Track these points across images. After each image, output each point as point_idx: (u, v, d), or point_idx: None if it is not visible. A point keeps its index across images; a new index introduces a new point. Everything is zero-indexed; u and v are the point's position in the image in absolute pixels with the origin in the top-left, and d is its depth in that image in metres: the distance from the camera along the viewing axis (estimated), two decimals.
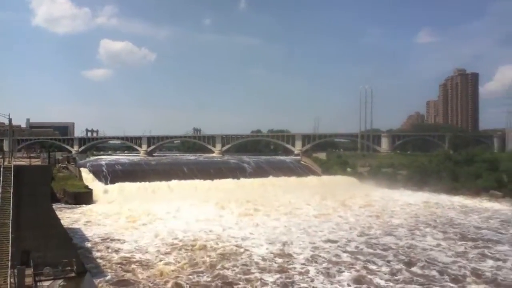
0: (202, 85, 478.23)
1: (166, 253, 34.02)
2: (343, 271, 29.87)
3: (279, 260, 32.62)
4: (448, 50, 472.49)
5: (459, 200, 76.00)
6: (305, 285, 26.92)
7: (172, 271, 29.25)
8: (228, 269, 29.90)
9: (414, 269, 30.82)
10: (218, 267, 30.21)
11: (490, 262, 32.86)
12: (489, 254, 35.92)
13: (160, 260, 31.86)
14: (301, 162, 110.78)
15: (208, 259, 32.26)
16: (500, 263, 32.92)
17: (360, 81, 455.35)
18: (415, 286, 26.97)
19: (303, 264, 31.77)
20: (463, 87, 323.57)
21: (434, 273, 29.90)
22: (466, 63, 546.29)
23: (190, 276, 28.02)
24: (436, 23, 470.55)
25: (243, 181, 79.90)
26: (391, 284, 27.19)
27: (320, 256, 33.93)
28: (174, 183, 74.07)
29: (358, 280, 28.01)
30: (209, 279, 27.77)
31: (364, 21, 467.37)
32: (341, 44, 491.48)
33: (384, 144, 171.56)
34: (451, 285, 27.13)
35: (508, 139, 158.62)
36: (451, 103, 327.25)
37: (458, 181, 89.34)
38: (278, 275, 28.57)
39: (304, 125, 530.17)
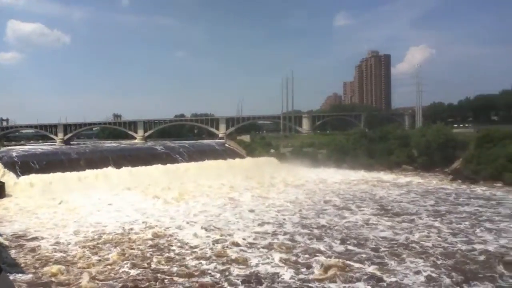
0: (122, 69, 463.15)
1: (90, 248, 32.33)
2: (279, 254, 29.87)
3: (218, 247, 32.00)
4: (363, 33, 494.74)
5: (378, 176, 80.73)
6: (244, 271, 26.66)
7: (97, 266, 28.19)
8: (162, 260, 29.22)
9: (351, 247, 31.49)
10: (152, 259, 29.40)
11: (417, 235, 34.59)
12: (415, 226, 37.79)
13: (85, 257, 30.23)
14: (226, 145, 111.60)
15: (139, 252, 31.04)
16: (425, 233, 35.11)
17: (283, 63, 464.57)
18: (353, 263, 27.62)
19: (242, 249, 31.39)
20: (377, 68, 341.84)
21: (368, 249, 30.75)
22: (379, 45, 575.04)
23: (120, 270, 27.11)
24: (352, 6, 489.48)
25: (170, 166, 78.70)
26: (331, 262, 27.66)
27: (258, 240, 33.57)
28: (95, 172, 70.23)
29: (299, 262, 28.19)
30: (142, 272, 26.98)
31: (287, 4, 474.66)
32: (264, 26, 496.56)
33: (305, 124, 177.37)
34: (387, 260, 28.18)
35: (417, 117, 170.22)
36: (366, 84, 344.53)
37: (373, 158, 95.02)
38: (215, 263, 28.25)
39: (228, 109, 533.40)
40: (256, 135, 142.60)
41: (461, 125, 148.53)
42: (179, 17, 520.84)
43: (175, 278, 25.95)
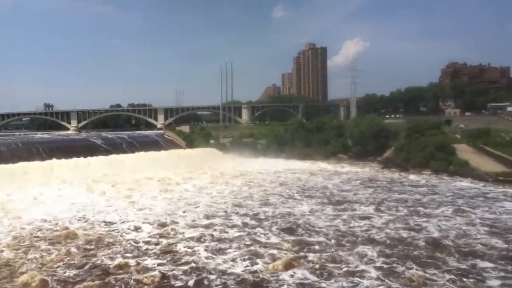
0: (53, 57, 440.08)
1: (26, 248, 30.03)
2: (232, 246, 29.44)
3: (163, 241, 30.82)
4: (301, 25, 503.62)
5: (317, 165, 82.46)
6: (194, 266, 26.04)
7: (34, 267, 26.41)
8: (105, 257, 27.72)
9: (301, 237, 31.62)
10: (93, 257, 27.76)
11: (362, 223, 35.48)
12: (358, 214, 38.78)
13: (20, 259, 27.89)
14: (165, 136, 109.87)
15: (78, 250, 29.13)
16: (369, 221, 36.15)
17: (222, 53, 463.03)
18: (305, 253, 27.67)
19: (190, 243, 30.52)
20: (314, 60, 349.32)
21: (319, 239, 31.05)
22: (316, 38, 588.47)
23: (60, 272, 25.30)
24: None
25: (107, 158, 75.57)
26: (282, 254, 27.66)
27: (206, 233, 32.77)
28: (27, 165, 64.86)
29: (250, 255, 27.74)
30: (82, 270, 25.57)
31: None
32: (202, 14, 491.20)
33: (245, 115, 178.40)
34: (338, 249, 28.53)
35: (352, 108, 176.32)
36: (304, 75, 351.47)
37: (311, 147, 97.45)
38: (162, 259, 27.25)
39: (167, 99, 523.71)
40: (196, 126, 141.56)
41: (393, 116, 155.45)
42: (114, 4, 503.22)
43: (120, 276, 24.68)
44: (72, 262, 27.05)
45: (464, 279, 23.08)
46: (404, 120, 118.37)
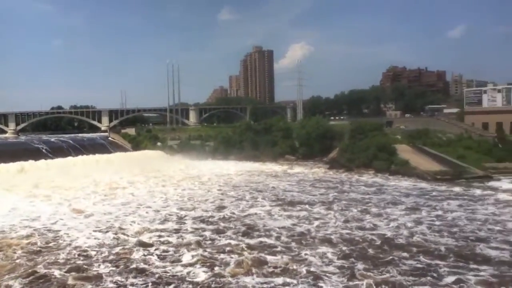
0: None
1: None
2: (189, 251, 28.59)
3: (115, 249, 29.31)
4: (248, 28, 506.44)
5: (266, 166, 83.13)
6: (152, 273, 25.03)
7: None
8: (49, 266, 26.04)
9: (260, 239, 31.41)
10: (36, 266, 26.07)
11: (316, 223, 35.89)
12: (312, 215, 39.20)
13: None
14: (109, 138, 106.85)
15: (21, 259, 27.44)
16: (323, 221, 36.64)
17: (168, 54, 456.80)
18: (266, 256, 27.46)
19: (143, 250, 29.22)
20: (261, 63, 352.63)
21: (277, 241, 30.91)
22: (263, 41, 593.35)
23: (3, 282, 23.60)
24: (236, 1, 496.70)
25: (48, 162, 71.85)
26: (242, 257, 27.14)
27: (162, 239, 31.69)
28: None
29: (208, 259, 27.09)
30: (28, 281, 23.97)
31: None
32: (148, 16, 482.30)
33: (192, 117, 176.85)
34: (297, 250, 28.51)
35: (298, 110, 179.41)
36: (251, 78, 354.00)
37: (259, 149, 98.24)
38: (114, 267, 25.81)
39: (111, 101, 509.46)
40: (142, 128, 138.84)
41: (337, 118, 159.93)
42: (56, 3, 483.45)
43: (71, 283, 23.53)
44: (15, 272, 25.44)
45: (422, 278, 23.59)
46: (348, 122, 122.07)
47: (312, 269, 25.23)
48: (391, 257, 27.21)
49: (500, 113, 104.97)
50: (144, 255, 28.40)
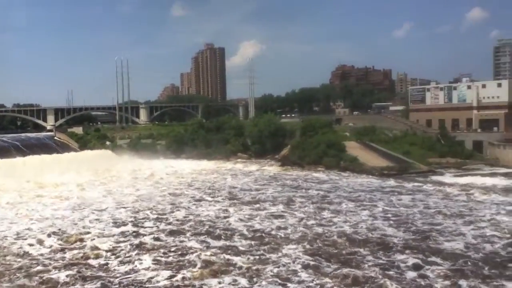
0: None
1: None
2: (150, 255, 27.60)
3: (70, 254, 27.93)
4: (199, 25, 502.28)
5: (220, 164, 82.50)
6: (107, 278, 24.00)
7: None
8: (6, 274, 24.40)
9: (221, 241, 30.78)
10: None
11: (277, 222, 35.93)
12: (271, 213, 39.25)
13: None
14: (55, 138, 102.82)
15: None
16: (283, 220, 36.86)
17: (118, 50, 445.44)
18: (230, 257, 27.00)
19: (103, 255, 27.90)
20: (212, 61, 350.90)
21: (240, 241, 30.54)
22: (215, 38, 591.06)
23: None
24: None
25: None
26: (206, 259, 26.55)
27: (120, 243, 30.28)
28: None
29: (171, 263, 26.28)
30: None
31: None
32: (96, 10, 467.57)
33: (143, 115, 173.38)
34: (262, 250, 28.20)
35: (250, 108, 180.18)
36: (203, 75, 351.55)
37: (211, 147, 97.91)
38: (69, 274, 24.52)
39: (57, 99, 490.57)
40: (90, 127, 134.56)
41: (288, 115, 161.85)
42: None
43: None
44: None
45: (387, 272, 24.12)
46: (299, 119, 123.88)
47: (279, 269, 25.11)
48: (354, 253, 27.66)
49: (442, 111, 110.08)
50: (102, 260, 27.20)
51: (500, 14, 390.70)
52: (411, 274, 24.05)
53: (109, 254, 28.49)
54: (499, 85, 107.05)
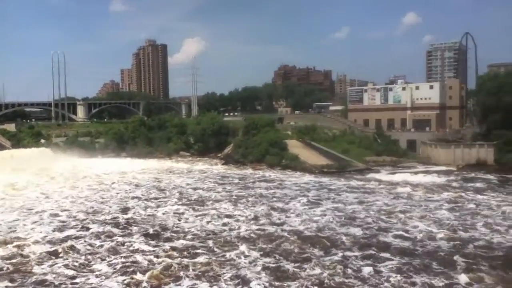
0: None
1: None
2: (99, 259, 26.53)
3: (11, 263, 26.17)
4: (141, 20, 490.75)
5: (166, 164, 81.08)
6: (54, 285, 22.74)
7: None
8: None
9: (175, 243, 29.94)
10: None
11: (230, 221, 35.60)
12: (222, 213, 38.85)
13: None
14: None
15: None
16: (234, 219, 36.51)
17: (55, 45, 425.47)
18: (187, 260, 26.35)
19: (46, 261, 26.28)
20: (154, 57, 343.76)
21: (195, 243, 29.85)
22: (157, 34, 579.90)
23: None
24: None
25: None
26: (160, 261, 25.88)
27: (64, 248, 28.54)
28: None
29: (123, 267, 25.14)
30: None
31: None
32: (31, 3, 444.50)
33: (81, 112, 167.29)
34: (218, 252, 27.79)
35: (193, 106, 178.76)
36: (144, 72, 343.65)
37: (153, 145, 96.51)
38: (13, 282, 23.07)
39: None
40: (23, 124, 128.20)
41: (231, 114, 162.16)
42: None
43: None
44: None
45: (343, 272, 24.54)
46: (242, 118, 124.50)
47: (240, 271, 24.82)
48: (310, 252, 28.05)
49: (379, 111, 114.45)
50: (49, 266, 25.73)
51: (433, 20, 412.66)
52: (366, 270, 24.74)
53: (57, 259, 26.99)
54: (431, 87, 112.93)
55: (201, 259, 26.73)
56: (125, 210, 41.13)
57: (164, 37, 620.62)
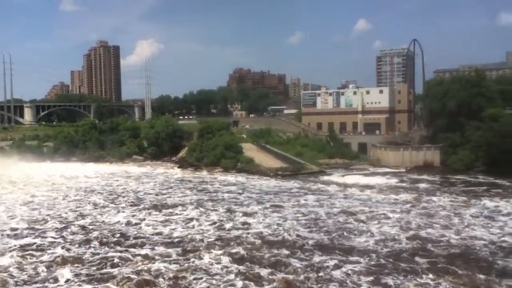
0: None
1: None
2: (61, 270, 25.28)
3: None
4: (92, 20, 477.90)
5: (121, 168, 79.44)
6: None
7: None
8: None
9: (138, 249, 29.24)
10: None
11: (191, 225, 35.35)
12: (185, 218, 38.33)
13: None
14: None
15: None
16: (196, 223, 36.14)
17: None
18: (153, 265, 25.85)
19: (2, 273, 24.96)
20: (107, 59, 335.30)
21: (159, 248, 29.25)
22: (109, 35, 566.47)
23: None
24: None
25: None
26: (128, 267, 25.30)
27: (26, 258, 27.38)
28: None
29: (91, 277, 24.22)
30: None
31: None
32: None
33: (28, 115, 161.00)
34: (181, 257, 27.36)
35: (147, 108, 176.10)
36: (96, 74, 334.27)
37: (104, 149, 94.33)
38: None
39: None
40: None
41: (186, 117, 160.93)
42: None
43: None
44: None
45: (314, 275, 24.69)
46: (197, 121, 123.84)
47: (213, 278, 24.41)
48: (278, 256, 28.06)
49: (331, 114, 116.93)
50: (13, 279, 24.47)
51: (383, 27, 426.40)
52: (336, 273, 25.09)
53: (11, 271, 25.58)
54: (381, 91, 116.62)
55: (172, 266, 26.11)
56: (82, 217, 39.72)
57: (117, 38, 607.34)
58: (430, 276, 24.51)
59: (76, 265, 26.37)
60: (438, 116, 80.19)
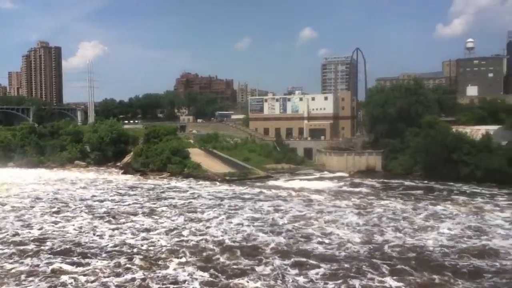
0: None
1: None
2: (21, 284, 24.42)
3: None
4: (32, 20, 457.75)
5: (63, 174, 76.43)
6: None
7: None
8: None
9: (98, 259, 28.25)
10: None
11: (147, 234, 34.47)
12: (140, 226, 37.56)
13: None
14: None
15: None
16: (152, 233, 35.31)
17: None
18: (107, 279, 24.87)
19: None
20: (47, 60, 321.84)
21: (115, 258, 28.58)
22: (50, 36, 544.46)
23: None
24: None
25: None
26: (89, 278, 24.63)
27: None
28: None
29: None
30: None
31: None
32: None
33: None
34: (139, 267, 26.87)
35: (90, 112, 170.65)
36: (35, 76, 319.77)
37: (44, 154, 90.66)
38: None
39: None
40: None
41: (131, 122, 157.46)
42: None
43: None
44: None
45: (283, 280, 25.19)
46: (143, 126, 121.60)
47: (179, 284, 24.24)
48: (241, 264, 28.13)
49: (278, 120, 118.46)
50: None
51: (328, 35, 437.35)
52: (300, 280, 25.44)
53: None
54: (326, 98, 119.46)
55: (135, 276, 25.62)
56: (29, 227, 37.92)
57: (58, 39, 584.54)
58: (392, 279, 25.44)
59: (30, 278, 25.50)
60: (379, 122, 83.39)
